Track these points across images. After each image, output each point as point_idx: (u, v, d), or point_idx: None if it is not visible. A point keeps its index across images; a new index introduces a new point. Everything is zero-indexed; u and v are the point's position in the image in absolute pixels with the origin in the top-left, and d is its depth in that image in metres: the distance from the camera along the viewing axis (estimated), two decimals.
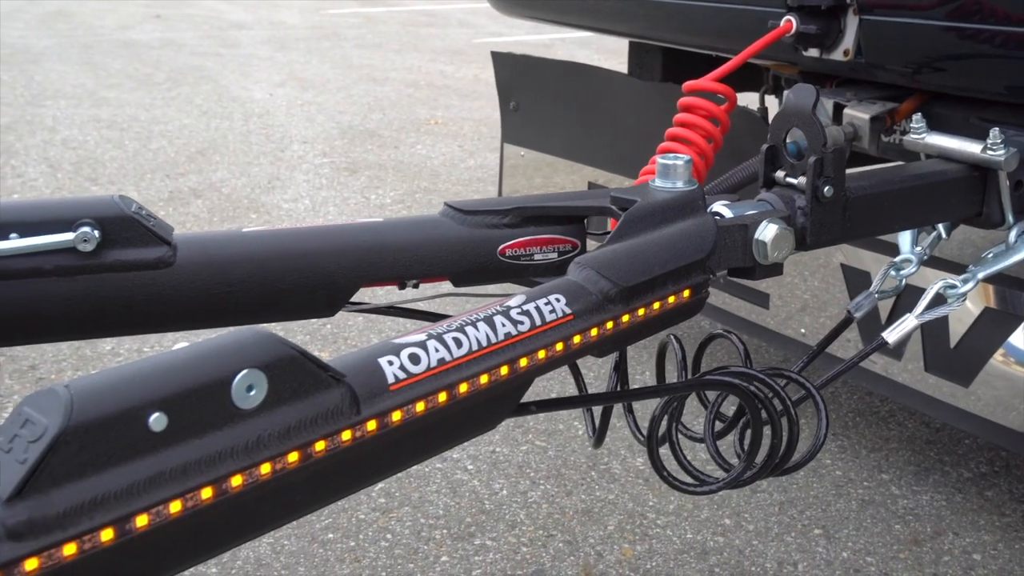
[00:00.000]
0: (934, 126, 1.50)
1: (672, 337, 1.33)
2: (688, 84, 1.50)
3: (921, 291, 1.35)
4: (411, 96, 6.25)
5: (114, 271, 1.08)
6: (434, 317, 1.25)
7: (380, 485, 2.01)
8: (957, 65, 1.56)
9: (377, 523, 1.92)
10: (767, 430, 1.17)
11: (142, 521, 0.68)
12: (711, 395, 1.36)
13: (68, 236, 1.05)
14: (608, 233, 1.29)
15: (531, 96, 2.71)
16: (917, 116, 1.47)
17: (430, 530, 1.90)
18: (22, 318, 1.07)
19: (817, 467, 2.13)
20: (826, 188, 1.21)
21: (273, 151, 4.81)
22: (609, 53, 7.36)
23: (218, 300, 1.13)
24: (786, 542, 1.89)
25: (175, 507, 0.70)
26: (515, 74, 2.73)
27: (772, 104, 2.35)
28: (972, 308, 1.73)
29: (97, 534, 0.66)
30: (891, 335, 1.34)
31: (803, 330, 2.04)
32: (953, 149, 1.42)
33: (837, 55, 1.66)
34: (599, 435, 1.32)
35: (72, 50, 7.61)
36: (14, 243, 1.04)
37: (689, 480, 1.22)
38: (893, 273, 1.43)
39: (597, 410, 1.34)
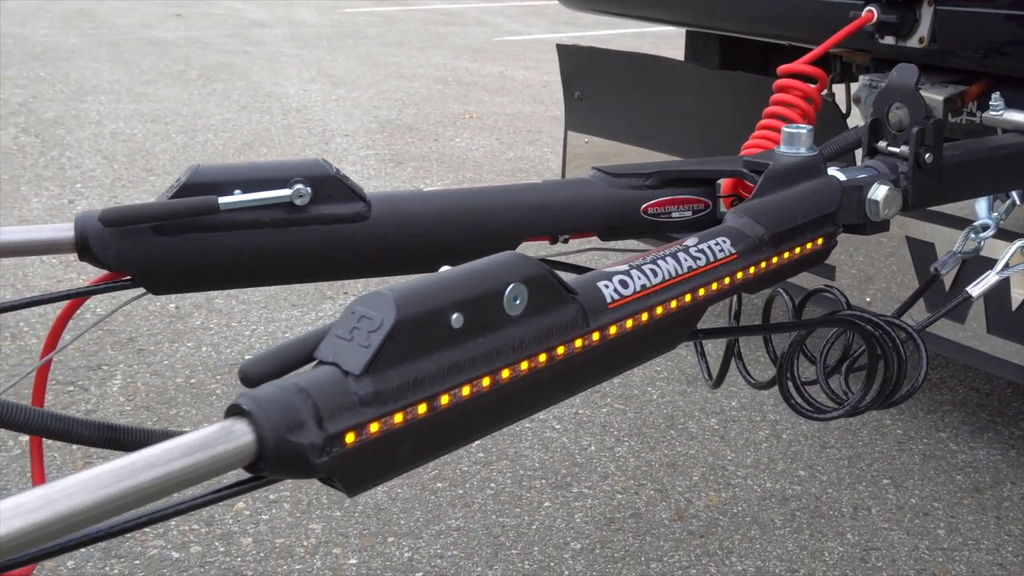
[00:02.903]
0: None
1: (781, 289, 1.50)
2: (783, 67, 1.67)
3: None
4: (441, 92, 6.42)
5: (320, 223, 1.24)
6: (579, 270, 1.42)
7: (478, 442, 2.18)
8: None
9: (480, 474, 2.09)
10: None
11: (444, 400, 0.85)
12: (814, 351, 1.53)
13: (286, 192, 1.22)
14: (733, 195, 1.46)
15: (594, 85, 2.87)
16: (996, 95, 1.64)
17: (530, 480, 2.07)
18: (242, 264, 1.23)
19: (879, 426, 2.30)
20: (927, 155, 1.38)
21: (317, 144, 4.97)
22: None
23: (405, 250, 1.29)
24: (858, 490, 2.05)
25: (465, 391, 0.86)
26: (579, 65, 2.90)
27: (838, 90, 2.52)
28: None
29: (416, 407, 0.82)
30: (974, 289, 1.51)
31: (867, 298, 2.20)
32: None
33: (913, 42, 1.83)
34: (719, 376, 1.49)
35: (101, 48, 7.77)
36: (241, 197, 1.21)
37: (810, 408, 1.38)
38: (972, 236, 1.60)
39: (714, 358, 1.50)
